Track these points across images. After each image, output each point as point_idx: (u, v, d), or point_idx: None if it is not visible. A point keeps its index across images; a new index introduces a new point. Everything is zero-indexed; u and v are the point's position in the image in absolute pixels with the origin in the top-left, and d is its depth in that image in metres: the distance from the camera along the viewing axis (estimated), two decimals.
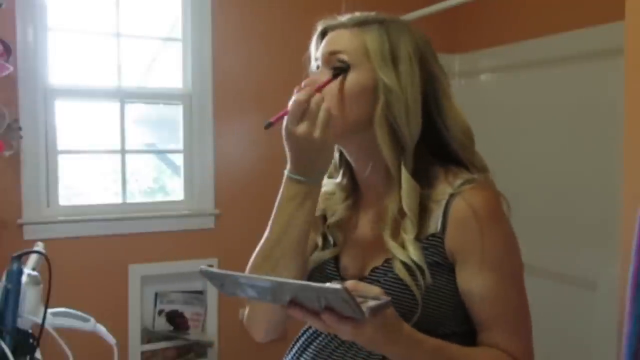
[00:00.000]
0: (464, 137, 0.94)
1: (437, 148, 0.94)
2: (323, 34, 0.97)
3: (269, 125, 0.89)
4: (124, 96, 2.51)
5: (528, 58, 2.58)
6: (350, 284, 0.75)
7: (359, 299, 0.70)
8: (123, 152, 2.53)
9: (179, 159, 2.65)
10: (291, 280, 0.70)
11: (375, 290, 0.76)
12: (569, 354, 2.31)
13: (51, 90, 2.37)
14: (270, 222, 0.94)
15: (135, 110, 2.59)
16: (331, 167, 1.04)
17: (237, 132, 2.61)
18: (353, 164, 0.99)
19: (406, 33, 0.93)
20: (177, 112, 2.61)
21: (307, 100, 0.87)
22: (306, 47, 1.02)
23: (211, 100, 2.57)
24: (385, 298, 0.75)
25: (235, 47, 2.61)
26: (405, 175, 0.90)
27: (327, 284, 0.67)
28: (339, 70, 0.91)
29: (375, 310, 0.71)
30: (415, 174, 0.91)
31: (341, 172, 1.03)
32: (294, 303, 0.72)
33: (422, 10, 2.34)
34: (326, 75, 0.92)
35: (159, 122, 2.80)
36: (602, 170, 2.16)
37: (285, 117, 0.89)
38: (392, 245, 0.89)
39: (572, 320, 2.32)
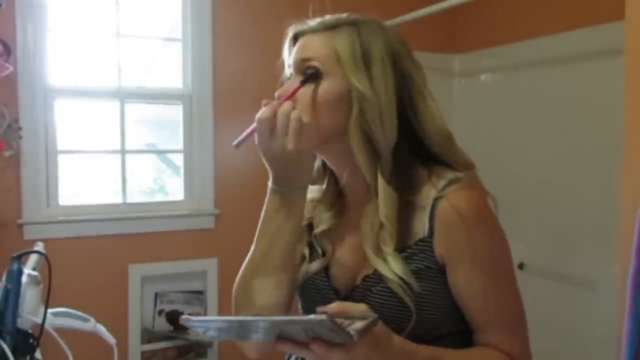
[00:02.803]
0: (440, 139, 0.91)
1: (418, 147, 0.92)
2: (294, 39, 0.94)
3: (239, 145, 0.89)
4: (124, 96, 2.51)
5: (528, 58, 2.58)
6: (335, 306, 0.74)
7: (346, 322, 0.70)
8: (123, 152, 2.53)
9: (179, 159, 2.65)
10: (275, 317, 0.70)
11: (361, 308, 0.76)
12: (569, 354, 2.30)
13: (51, 90, 2.37)
14: (255, 237, 0.93)
15: (135, 110, 2.59)
16: (315, 174, 1.02)
17: (237, 132, 2.57)
18: (334, 171, 0.97)
19: (378, 33, 0.90)
20: (177, 112, 2.61)
21: (272, 116, 0.86)
22: None
23: (211, 100, 2.57)
24: (372, 315, 0.74)
25: (235, 47, 2.61)
26: (382, 184, 0.88)
27: (312, 316, 0.66)
28: (309, 77, 0.89)
29: (363, 332, 0.71)
30: (397, 178, 0.89)
31: (326, 179, 1.01)
32: (281, 338, 0.72)
33: (422, 10, 2.34)
34: (298, 83, 0.90)
35: (159, 122, 2.80)
36: (602, 170, 2.16)
37: (256, 134, 0.88)
38: (374, 259, 0.88)
39: (572, 320, 2.32)
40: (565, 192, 2.38)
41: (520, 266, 2.36)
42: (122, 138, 2.52)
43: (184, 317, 0.73)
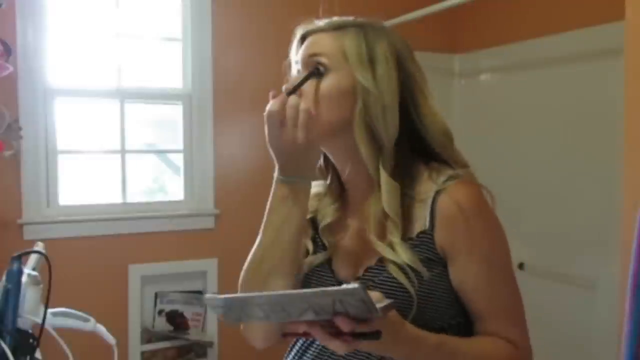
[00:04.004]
0: (441, 136, 0.95)
1: (420, 145, 0.95)
2: (302, 38, 0.98)
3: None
4: (124, 96, 2.51)
5: (528, 58, 2.58)
6: None
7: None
8: (123, 152, 2.53)
9: (179, 159, 2.65)
10: (307, 290, 0.69)
11: (376, 295, 0.77)
12: (569, 354, 2.30)
13: (51, 90, 2.37)
14: (262, 227, 0.95)
15: (135, 110, 2.59)
16: (318, 170, 1.05)
17: (236, 132, 2.61)
18: (336, 166, 1.00)
19: (383, 35, 0.95)
20: (177, 112, 2.61)
21: (281, 109, 0.88)
22: None
23: (211, 100, 2.57)
24: (388, 300, 0.76)
25: (235, 47, 2.61)
26: (384, 176, 0.91)
27: (344, 285, 0.67)
28: (314, 71, 0.92)
29: (385, 310, 0.72)
30: (397, 173, 0.92)
31: (329, 174, 1.04)
32: (312, 322, 0.72)
33: (422, 10, 2.34)
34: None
35: (159, 122, 2.80)
36: (602, 170, 2.16)
37: (266, 127, 0.90)
38: (381, 247, 0.90)
39: (572, 320, 2.32)
40: (565, 192, 2.37)
41: (520, 266, 2.36)
42: (122, 138, 2.52)
43: (209, 295, 0.72)
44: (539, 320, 0.95)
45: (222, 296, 0.72)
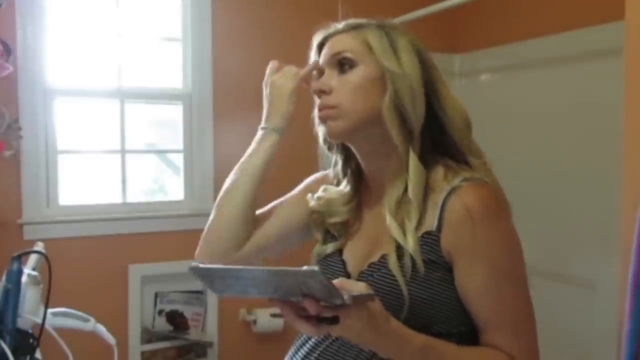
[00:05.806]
0: (462, 123, 0.96)
1: (437, 138, 0.96)
2: (320, 45, 1.01)
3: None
4: (124, 96, 2.51)
5: (528, 58, 2.58)
6: (336, 282, 0.76)
7: (343, 292, 0.71)
8: (123, 152, 2.53)
9: (179, 159, 2.65)
10: (270, 268, 0.69)
11: (360, 286, 0.78)
12: (568, 354, 2.30)
13: (51, 90, 2.37)
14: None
15: (135, 110, 2.59)
16: (337, 174, 1.07)
17: (237, 132, 2.60)
18: (361, 160, 1.01)
19: (401, 33, 0.98)
20: (177, 112, 2.61)
21: (282, 64, 1.05)
22: (305, 47, 1.02)
23: (211, 100, 2.57)
24: (368, 291, 0.76)
25: (235, 47, 2.61)
26: (414, 160, 0.92)
27: (304, 267, 0.67)
28: (344, 64, 0.96)
29: (357, 299, 0.71)
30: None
31: (346, 179, 1.05)
32: (283, 302, 0.73)
33: (422, 10, 2.34)
34: (333, 77, 0.96)
35: (159, 122, 2.80)
36: (602, 170, 2.15)
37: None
38: (394, 226, 0.90)
39: (572, 320, 2.32)
40: (565, 192, 2.38)
41: None
42: (122, 138, 2.52)
43: (194, 264, 0.73)
44: (539, 320, 0.94)
45: (205, 266, 0.73)
